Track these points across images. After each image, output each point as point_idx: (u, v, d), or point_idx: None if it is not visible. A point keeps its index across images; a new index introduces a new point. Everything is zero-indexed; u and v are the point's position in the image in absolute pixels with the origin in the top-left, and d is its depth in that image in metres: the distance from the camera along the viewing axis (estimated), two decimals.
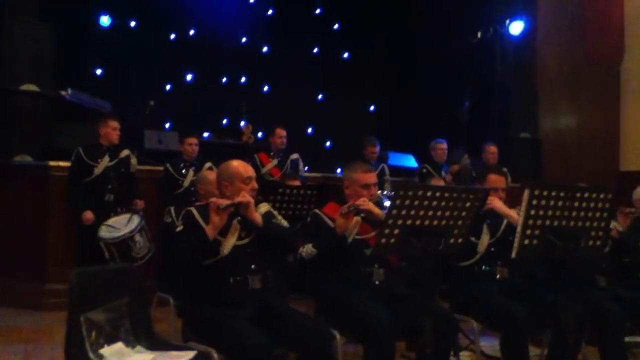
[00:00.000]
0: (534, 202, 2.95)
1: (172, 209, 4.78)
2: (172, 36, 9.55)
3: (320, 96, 10.51)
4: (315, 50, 10.58)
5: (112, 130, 5.53)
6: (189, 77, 9.69)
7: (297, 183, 5.18)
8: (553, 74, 8.42)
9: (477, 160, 7.21)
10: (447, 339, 3.22)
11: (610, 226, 3.89)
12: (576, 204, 3.02)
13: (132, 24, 9.25)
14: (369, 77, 10.18)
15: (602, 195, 3.07)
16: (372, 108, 10.73)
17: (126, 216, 5.13)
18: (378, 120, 10.43)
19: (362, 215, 3.39)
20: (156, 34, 9.33)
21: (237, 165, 3.21)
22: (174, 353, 2.78)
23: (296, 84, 9.94)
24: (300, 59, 10.31)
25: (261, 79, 10.24)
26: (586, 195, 3.04)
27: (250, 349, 2.73)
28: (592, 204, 3.05)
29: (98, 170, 5.43)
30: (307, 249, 3.34)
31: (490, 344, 4.30)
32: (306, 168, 7.15)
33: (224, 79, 9.95)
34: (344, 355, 3.19)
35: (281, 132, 6.66)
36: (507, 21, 8.44)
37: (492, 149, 7.16)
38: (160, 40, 9.37)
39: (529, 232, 2.97)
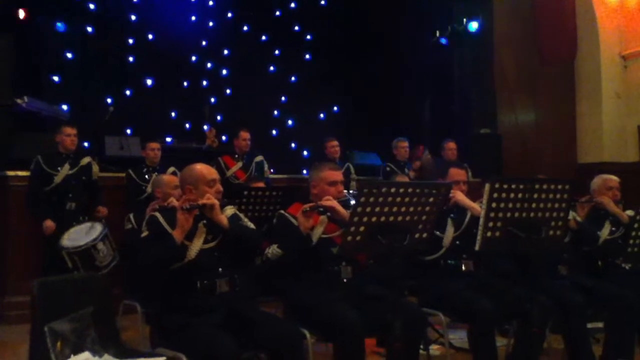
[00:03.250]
0: (495, 195, 3.02)
1: (131, 215, 4.71)
2: (130, 41, 9.39)
3: (283, 98, 10.49)
4: (277, 52, 10.55)
5: (65, 136, 5.44)
6: (149, 81, 9.53)
7: (261, 185, 5.16)
8: (510, 73, 8.58)
9: (438, 157, 7.30)
10: (417, 333, 3.27)
11: (569, 217, 4.00)
12: (535, 195, 3.09)
13: (89, 29, 9.08)
14: (331, 78, 10.21)
15: (560, 187, 3.15)
16: (335, 109, 10.76)
17: (88, 225, 5.03)
18: (341, 120, 10.47)
19: (328, 214, 3.40)
20: (114, 39, 9.19)
21: (201, 168, 3.19)
22: None
23: (259, 86, 9.93)
24: (262, 62, 10.30)
25: (223, 83, 10.16)
26: (545, 187, 3.12)
27: (220, 355, 2.71)
28: (551, 196, 3.13)
29: (58, 178, 5.34)
30: (273, 250, 3.34)
31: (458, 337, 4.38)
32: (272, 170, 7.13)
33: (185, 83, 9.83)
34: (315, 355, 3.20)
35: (245, 135, 6.64)
36: (465, 20, 8.60)
37: (451, 145, 7.25)
38: (118, 46, 9.23)
39: (491, 224, 3.03)
